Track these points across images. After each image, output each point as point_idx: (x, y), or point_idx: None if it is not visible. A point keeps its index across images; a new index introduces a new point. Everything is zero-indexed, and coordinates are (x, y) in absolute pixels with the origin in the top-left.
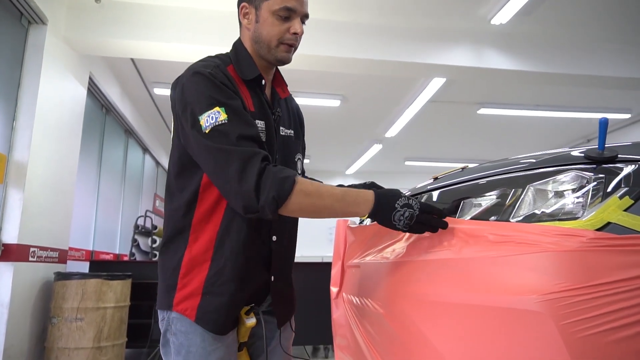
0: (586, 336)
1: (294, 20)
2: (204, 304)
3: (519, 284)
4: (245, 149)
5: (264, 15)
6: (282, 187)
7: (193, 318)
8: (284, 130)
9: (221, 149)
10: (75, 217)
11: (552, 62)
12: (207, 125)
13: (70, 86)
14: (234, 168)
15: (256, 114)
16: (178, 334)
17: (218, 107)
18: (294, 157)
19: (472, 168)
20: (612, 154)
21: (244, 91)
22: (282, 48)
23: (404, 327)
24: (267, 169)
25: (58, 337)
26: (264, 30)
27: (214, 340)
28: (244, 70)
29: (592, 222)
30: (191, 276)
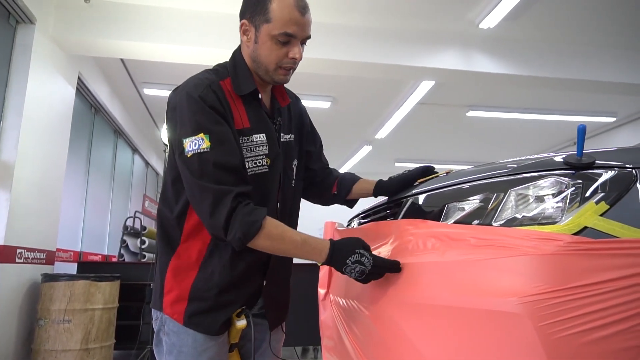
0: (563, 337)
1: (293, 44)
2: (191, 308)
3: (499, 286)
4: (219, 188)
5: (263, 37)
6: (248, 230)
7: (181, 322)
8: (284, 137)
9: (197, 182)
10: (63, 218)
11: (539, 66)
12: (189, 149)
13: (59, 86)
14: (207, 203)
15: (253, 129)
16: (170, 334)
17: (203, 133)
18: (292, 163)
19: (456, 173)
20: (589, 161)
21: (239, 106)
22: (280, 72)
23: (388, 329)
24: (238, 209)
25: (45, 339)
26: (262, 53)
27: (205, 340)
28: (240, 85)
29: (569, 227)
30: (177, 281)
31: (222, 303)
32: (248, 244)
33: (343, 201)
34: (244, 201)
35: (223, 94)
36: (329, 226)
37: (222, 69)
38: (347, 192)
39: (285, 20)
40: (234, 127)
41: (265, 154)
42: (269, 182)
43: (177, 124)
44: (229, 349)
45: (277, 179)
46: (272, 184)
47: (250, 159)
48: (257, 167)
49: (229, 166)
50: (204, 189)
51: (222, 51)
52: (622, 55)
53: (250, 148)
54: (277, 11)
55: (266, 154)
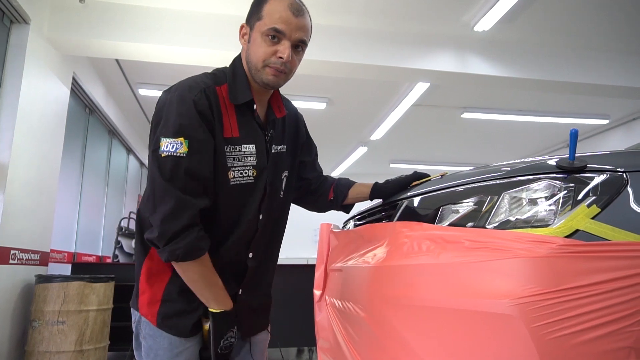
0: (555, 338)
1: (282, 43)
2: (163, 310)
3: (493, 288)
4: (184, 197)
5: (254, 35)
6: (192, 253)
7: (155, 323)
8: (275, 148)
9: (163, 183)
10: (57, 218)
11: (533, 69)
12: (165, 150)
13: (53, 86)
14: (167, 207)
15: (242, 138)
16: (147, 337)
17: (183, 138)
18: (281, 175)
19: (451, 175)
20: (581, 164)
21: (232, 114)
22: (268, 71)
23: (383, 330)
24: (193, 229)
25: (39, 340)
26: (252, 50)
27: (180, 343)
28: (237, 94)
29: (561, 230)
30: (150, 283)
31: (194, 306)
32: (176, 264)
33: (340, 207)
34: (199, 225)
35: (217, 100)
36: (324, 228)
37: (221, 74)
38: (343, 197)
39: (275, 17)
40: (222, 135)
41: (253, 165)
42: (252, 192)
43: (161, 121)
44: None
45: (260, 191)
46: (255, 194)
47: (237, 169)
48: (243, 177)
49: (199, 176)
50: (169, 192)
51: (217, 52)
52: (616, 58)
53: (238, 158)
54: (268, 8)
55: (253, 165)
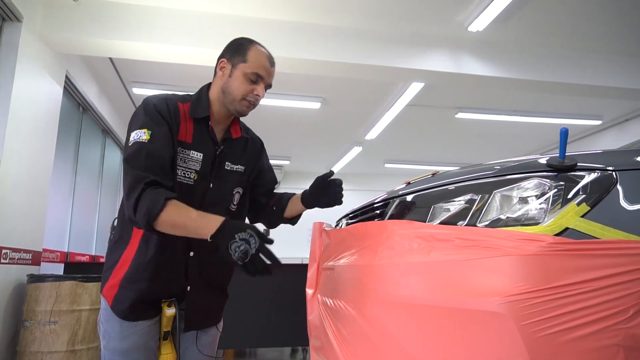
0: (544, 336)
1: (259, 84)
2: (119, 295)
3: (483, 286)
4: (139, 173)
5: (237, 73)
6: (153, 206)
7: (110, 303)
8: (230, 165)
9: (127, 167)
10: (49, 218)
11: (526, 69)
12: (132, 139)
13: (46, 85)
14: (127, 185)
15: (192, 145)
16: (104, 322)
17: (146, 129)
18: (232, 190)
19: (443, 174)
20: (571, 163)
21: (189, 125)
22: (244, 103)
23: (375, 329)
24: (146, 191)
25: (30, 340)
26: (233, 85)
27: (129, 327)
28: (196, 110)
29: (551, 228)
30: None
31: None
32: (153, 223)
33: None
34: (156, 185)
35: (176, 110)
36: (316, 227)
37: (187, 96)
38: (282, 208)
39: (258, 64)
40: (177, 137)
41: (196, 170)
42: (190, 194)
43: (132, 123)
44: (162, 336)
45: (198, 195)
46: (193, 197)
47: (181, 168)
48: (185, 177)
49: (158, 159)
50: (129, 172)
51: (212, 51)
52: (609, 59)
53: (184, 159)
54: (253, 56)
55: (196, 170)
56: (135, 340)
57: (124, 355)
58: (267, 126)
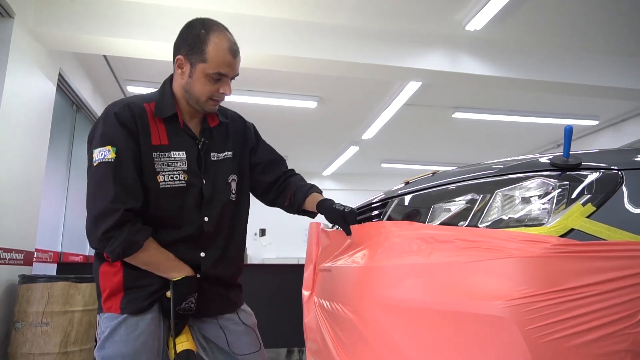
0: (549, 341)
1: (224, 82)
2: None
3: (485, 289)
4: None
5: (198, 74)
6: (129, 247)
7: (118, 311)
8: (216, 155)
9: (94, 191)
10: (42, 217)
11: (524, 69)
12: (96, 159)
13: (39, 82)
14: (94, 213)
15: (171, 146)
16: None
17: (110, 146)
18: (227, 179)
19: (443, 173)
20: (576, 162)
21: (160, 125)
22: (211, 103)
23: (373, 333)
24: (125, 227)
25: (22, 342)
26: (195, 87)
27: (135, 328)
28: (162, 109)
29: (556, 229)
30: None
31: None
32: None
33: (301, 212)
34: (132, 220)
35: (142, 113)
36: (313, 227)
37: (152, 94)
38: (299, 204)
39: (219, 62)
40: (150, 143)
41: (184, 169)
42: (186, 195)
43: (92, 137)
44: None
45: (195, 194)
46: (189, 197)
47: (167, 173)
48: (174, 181)
49: (125, 182)
50: (97, 199)
51: None
52: (607, 58)
53: (168, 163)
54: (212, 53)
55: (184, 169)
56: (144, 340)
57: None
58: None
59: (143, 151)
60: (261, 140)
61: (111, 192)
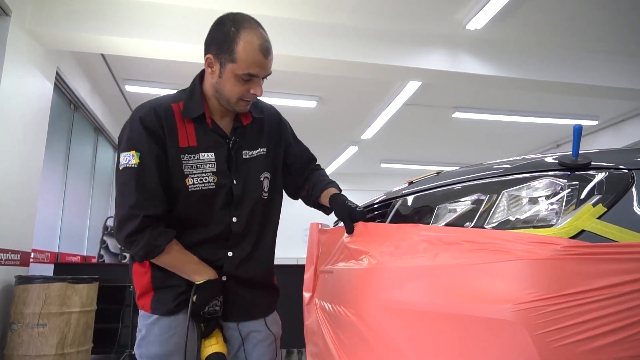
0: (560, 346)
1: (255, 82)
2: (156, 298)
3: (493, 292)
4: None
5: (227, 74)
6: (151, 251)
7: (149, 310)
8: (248, 153)
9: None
10: (39, 217)
11: (524, 68)
12: (122, 163)
13: (36, 81)
14: (118, 214)
15: (199, 147)
16: (142, 329)
17: (134, 151)
18: (259, 177)
19: (447, 173)
20: (585, 161)
21: (189, 126)
22: (242, 103)
23: (376, 336)
24: (146, 231)
25: (18, 344)
26: (225, 87)
27: (168, 329)
28: (190, 110)
29: (566, 230)
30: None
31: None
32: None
33: (317, 207)
34: (153, 224)
35: (170, 115)
36: (314, 228)
37: (181, 93)
38: (315, 198)
39: (249, 62)
40: (178, 145)
41: (213, 171)
42: (215, 197)
43: (120, 140)
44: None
45: (224, 195)
46: (218, 199)
47: (196, 175)
48: (203, 183)
49: (146, 189)
50: (121, 203)
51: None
52: (607, 58)
53: (197, 165)
54: (242, 53)
55: (213, 171)
56: (177, 342)
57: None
58: None
59: (171, 154)
60: (297, 139)
61: (132, 198)
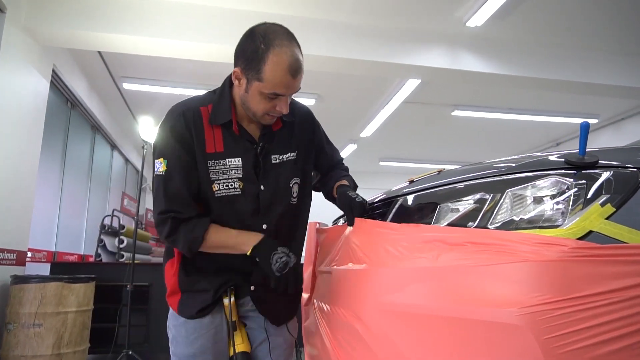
0: (568, 352)
1: (282, 99)
2: (183, 299)
3: (497, 295)
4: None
5: (253, 91)
6: (191, 245)
7: (176, 310)
8: (278, 158)
9: (154, 201)
10: (36, 216)
11: (524, 66)
12: (155, 170)
13: (32, 79)
14: (155, 217)
15: (227, 153)
16: (171, 328)
17: (162, 158)
18: (289, 183)
19: (449, 171)
20: (593, 160)
21: (217, 131)
22: (267, 118)
23: (376, 339)
24: (180, 228)
25: (14, 344)
26: (251, 102)
27: (195, 330)
28: (217, 116)
29: (573, 231)
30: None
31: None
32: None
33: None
34: (185, 220)
35: (199, 119)
36: (312, 227)
37: (211, 95)
38: (329, 189)
39: (276, 83)
40: (204, 151)
41: (239, 177)
42: (241, 203)
43: (154, 147)
44: (232, 327)
45: (250, 202)
46: (244, 205)
47: (222, 181)
48: (229, 189)
49: (172, 194)
50: (155, 209)
51: (204, 45)
52: (607, 57)
53: (223, 171)
54: (269, 73)
55: (239, 177)
56: (202, 344)
57: (192, 359)
58: None
59: (198, 160)
60: (329, 143)
61: (162, 204)
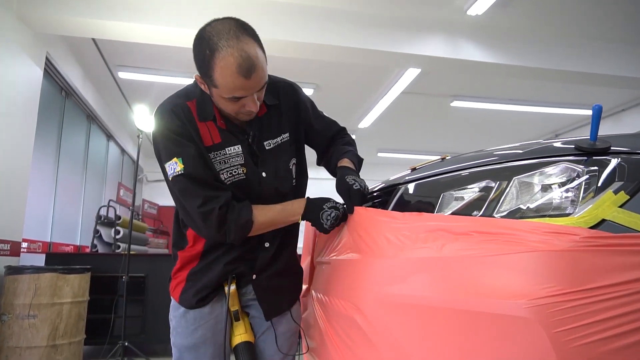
0: (580, 346)
1: (247, 99)
2: (186, 288)
3: (505, 286)
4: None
5: (215, 96)
6: (244, 230)
7: (177, 299)
8: (271, 142)
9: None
10: (31, 207)
11: (525, 56)
12: (170, 173)
13: (24, 67)
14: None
15: (225, 142)
16: (172, 319)
17: (175, 157)
18: (288, 165)
19: (453, 158)
20: (605, 145)
21: (210, 125)
22: (241, 115)
23: (377, 332)
24: (227, 217)
25: (8, 335)
26: (220, 105)
27: (195, 321)
28: (202, 113)
29: (585, 220)
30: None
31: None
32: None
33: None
34: (228, 207)
35: (189, 114)
36: None
37: (192, 90)
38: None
39: (230, 88)
40: (203, 145)
41: (241, 163)
42: (248, 188)
43: (158, 154)
44: (233, 317)
45: (255, 186)
46: (251, 190)
47: (226, 170)
48: (234, 176)
49: (205, 180)
50: (190, 211)
51: None
52: (607, 47)
53: (224, 160)
54: (220, 80)
55: (242, 163)
56: (202, 334)
57: (192, 350)
58: None
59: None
60: (318, 115)
61: (198, 199)
